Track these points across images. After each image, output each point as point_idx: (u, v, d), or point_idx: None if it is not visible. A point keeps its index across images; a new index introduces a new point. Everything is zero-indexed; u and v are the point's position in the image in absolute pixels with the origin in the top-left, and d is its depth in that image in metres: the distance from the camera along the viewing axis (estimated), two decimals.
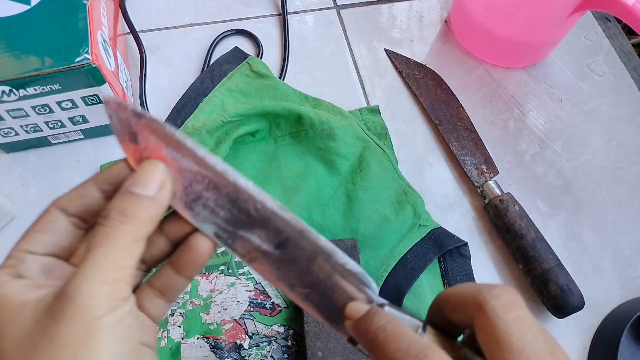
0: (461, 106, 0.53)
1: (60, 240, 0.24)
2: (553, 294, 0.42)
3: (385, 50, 0.57)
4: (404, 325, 0.21)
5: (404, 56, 0.56)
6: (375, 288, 0.23)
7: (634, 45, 0.62)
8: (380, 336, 0.21)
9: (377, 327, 0.21)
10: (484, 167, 0.50)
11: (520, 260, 0.45)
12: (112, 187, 0.24)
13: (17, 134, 0.44)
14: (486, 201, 0.47)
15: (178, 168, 0.23)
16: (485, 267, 0.47)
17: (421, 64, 0.56)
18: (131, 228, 0.22)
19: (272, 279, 0.24)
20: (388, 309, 0.22)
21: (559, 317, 0.43)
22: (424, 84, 0.54)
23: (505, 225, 0.46)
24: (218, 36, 0.55)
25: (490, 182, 0.48)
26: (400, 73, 0.55)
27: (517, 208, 0.46)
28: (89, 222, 0.24)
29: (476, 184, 0.49)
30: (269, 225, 0.23)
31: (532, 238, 0.44)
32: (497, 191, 0.47)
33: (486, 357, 0.20)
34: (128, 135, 0.23)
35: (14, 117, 0.42)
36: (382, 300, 0.23)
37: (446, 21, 0.60)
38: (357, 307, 0.22)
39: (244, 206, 0.23)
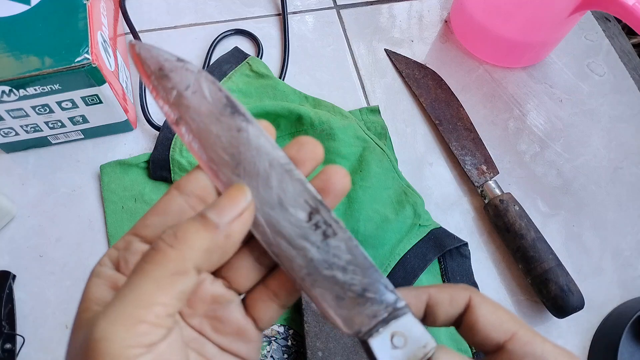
0: (461, 106, 0.53)
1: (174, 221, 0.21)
2: (553, 294, 0.42)
3: (385, 50, 0.57)
4: None
5: (404, 56, 0.56)
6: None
7: (634, 45, 0.62)
8: None
9: None
10: (484, 167, 0.50)
11: (520, 260, 0.45)
12: None
13: (17, 134, 0.44)
14: (486, 201, 0.47)
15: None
16: (485, 267, 0.47)
17: (421, 64, 0.56)
18: (176, 254, 0.18)
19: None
20: (410, 316, 0.21)
21: (559, 317, 0.43)
22: (424, 84, 0.54)
23: (505, 225, 0.46)
24: (218, 36, 0.55)
25: (490, 182, 0.48)
26: (400, 73, 0.55)
27: (517, 208, 0.46)
28: None
29: (476, 184, 0.49)
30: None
31: (532, 238, 0.44)
32: (497, 191, 0.47)
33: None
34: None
35: (14, 117, 0.42)
36: (404, 303, 0.21)
37: (446, 21, 0.60)
38: None
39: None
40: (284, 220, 0.21)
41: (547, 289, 0.43)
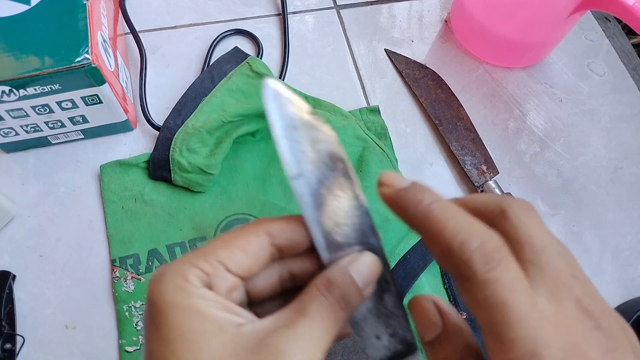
0: (461, 106, 0.53)
1: (255, 266, 0.22)
2: None
3: (385, 50, 0.57)
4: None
5: (404, 56, 0.56)
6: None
7: (634, 45, 0.62)
8: (436, 211, 0.20)
9: (430, 201, 0.20)
10: (484, 167, 0.50)
11: None
12: None
13: (17, 134, 0.44)
14: None
15: None
16: None
17: (421, 64, 0.56)
18: (344, 316, 0.21)
19: None
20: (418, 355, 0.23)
21: None
22: (424, 84, 0.54)
23: None
24: (218, 36, 0.55)
25: (490, 182, 0.48)
26: (400, 73, 0.55)
27: None
28: (285, 256, 0.23)
29: (476, 184, 0.49)
30: None
31: None
32: (497, 191, 0.47)
33: None
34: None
35: (14, 117, 0.42)
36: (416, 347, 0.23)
37: (446, 21, 0.60)
38: (397, 178, 0.22)
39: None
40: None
41: None
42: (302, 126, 0.22)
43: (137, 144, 0.49)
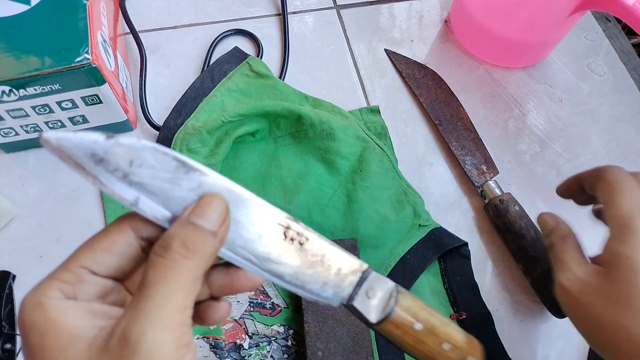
0: (461, 106, 0.53)
1: (126, 264, 0.22)
2: (553, 294, 0.42)
3: (385, 50, 0.57)
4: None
5: (404, 56, 0.56)
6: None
7: (634, 45, 0.62)
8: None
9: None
10: (484, 167, 0.50)
11: (520, 260, 0.45)
12: None
13: (17, 134, 0.44)
14: (486, 201, 0.47)
15: None
16: (485, 267, 0.47)
17: (421, 64, 0.56)
18: (193, 264, 0.20)
19: None
20: (373, 273, 0.25)
21: (558, 317, 0.43)
22: (424, 84, 0.54)
23: (505, 225, 0.45)
24: (218, 36, 0.55)
25: (490, 182, 0.48)
26: (400, 73, 0.55)
27: (517, 208, 0.46)
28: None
29: (476, 184, 0.49)
30: None
31: (532, 238, 0.44)
32: (497, 191, 0.47)
33: (606, 219, 0.32)
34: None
35: (14, 117, 0.42)
36: (366, 265, 0.26)
37: (446, 21, 0.60)
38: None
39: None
40: (266, 247, 0.23)
41: (547, 289, 0.43)
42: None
43: None
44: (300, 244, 0.24)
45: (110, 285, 0.22)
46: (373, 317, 0.25)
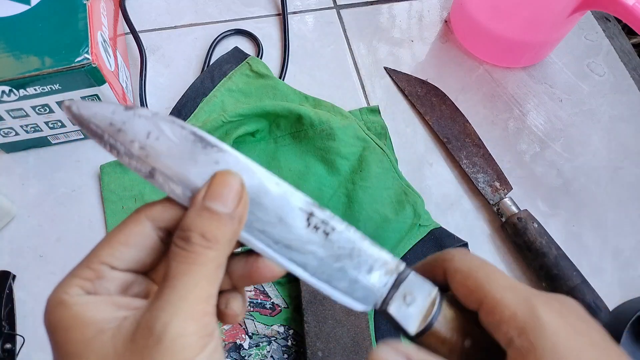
0: (467, 121, 0.52)
1: (146, 257, 0.21)
2: None
3: (385, 68, 0.56)
4: None
5: (405, 73, 0.55)
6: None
7: (634, 45, 0.62)
8: None
9: None
10: (497, 184, 0.49)
11: (544, 278, 0.44)
12: None
13: (17, 134, 0.44)
14: (503, 219, 0.47)
15: None
16: None
17: (422, 80, 0.55)
18: (215, 253, 0.20)
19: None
20: (412, 274, 0.22)
21: None
22: (427, 101, 0.53)
23: (525, 244, 0.45)
24: (218, 36, 0.55)
25: (505, 199, 0.47)
26: (402, 91, 0.54)
27: (536, 225, 0.45)
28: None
29: (491, 202, 0.48)
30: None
31: (554, 256, 0.43)
32: (514, 208, 0.47)
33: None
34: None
35: (14, 117, 0.42)
36: (403, 266, 0.23)
37: (446, 21, 0.60)
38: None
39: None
40: (287, 233, 0.22)
41: None
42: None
43: None
44: (326, 233, 0.22)
45: (131, 278, 0.21)
46: (412, 327, 0.21)
